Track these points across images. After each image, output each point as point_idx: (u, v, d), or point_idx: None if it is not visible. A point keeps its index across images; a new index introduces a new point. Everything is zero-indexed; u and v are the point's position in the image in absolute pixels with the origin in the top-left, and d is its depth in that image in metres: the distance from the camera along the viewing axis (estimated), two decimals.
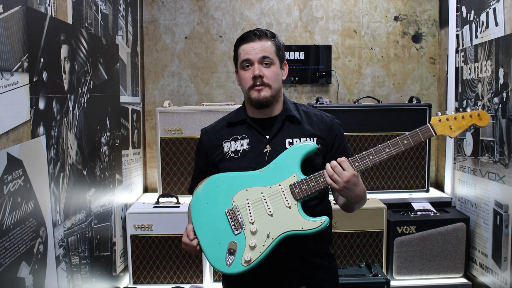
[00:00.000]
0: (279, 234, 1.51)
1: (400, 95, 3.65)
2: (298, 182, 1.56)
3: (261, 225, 1.53)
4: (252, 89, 1.63)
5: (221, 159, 1.71)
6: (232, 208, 1.58)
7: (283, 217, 1.53)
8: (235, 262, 1.51)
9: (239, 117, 1.73)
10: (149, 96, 3.59)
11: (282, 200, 1.55)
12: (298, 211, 1.53)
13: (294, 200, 1.54)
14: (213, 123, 1.81)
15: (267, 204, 1.56)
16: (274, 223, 1.53)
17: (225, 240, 1.55)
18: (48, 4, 1.89)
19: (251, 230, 1.53)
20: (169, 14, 3.55)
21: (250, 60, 1.63)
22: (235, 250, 1.53)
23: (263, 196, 1.57)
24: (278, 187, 1.56)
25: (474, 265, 2.94)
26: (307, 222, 1.52)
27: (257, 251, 1.51)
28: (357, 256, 2.93)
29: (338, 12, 3.59)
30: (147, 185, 3.63)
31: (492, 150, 2.69)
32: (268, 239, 1.51)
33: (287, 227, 1.52)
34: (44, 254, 1.81)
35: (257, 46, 1.63)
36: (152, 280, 2.89)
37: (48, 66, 1.86)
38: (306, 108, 1.77)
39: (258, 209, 1.55)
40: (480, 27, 2.82)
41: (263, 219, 1.54)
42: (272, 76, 1.63)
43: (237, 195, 1.59)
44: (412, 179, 3.25)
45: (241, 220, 1.56)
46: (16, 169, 1.60)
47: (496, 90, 2.63)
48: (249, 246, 1.51)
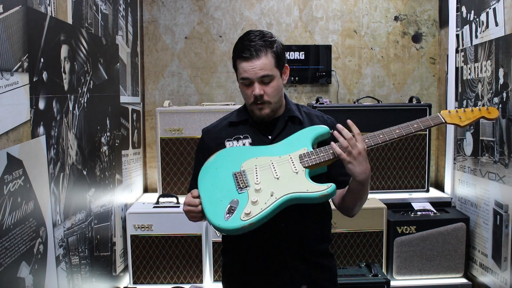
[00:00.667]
0: (284, 194, 1.48)
1: (400, 95, 3.65)
2: (308, 152, 1.57)
3: (266, 185, 1.52)
4: (254, 105, 1.63)
5: None
6: (239, 171, 1.58)
7: (289, 180, 1.52)
8: (234, 217, 1.46)
9: (241, 117, 1.73)
10: (149, 96, 3.59)
11: (290, 166, 1.55)
12: (304, 176, 1.53)
13: (302, 167, 1.54)
14: (215, 122, 1.80)
15: (274, 169, 1.56)
16: (279, 185, 1.51)
17: (227, 197, 1.52)
18: (48, 4, 1.89)
19: (256, 188, 1.51)
20: (169, 14, 3.55)
21: (249, 79, 1.60)
22: (236, 207, 1.49)
23: (272, 163, 1.57)
24: (288, 157, 1.58)
25: (474, 265, 2.94)
26: (312, 186, 1.50)
27: (258, 207, 1.47)
28: (357, 256, 2.93)
29: (338, 12, 3.59)
30: (147, 185, 3.63)
31: (492, 150, 2.69)
32: (272, 198, 1.48)
33: (292, 189, 1.49)
34: (44, 254, 1.81)
35: (255, 66, 1.58)
36: (152, 280, 2.89)
37: (48, 66, 1.86)
38: (308, 110, 1.77)
39: (265, 173, 1.55)
40: (480, 27, 2.82)
41: (269, 181, 1.53)
42: (272, 92, 1.61)
43: (247, 162, 1.60)
44: (412, 179, 3.25)
45: (247, 180, 1.55)
46: (16, 169, 1.60)
47: (496, 90, 2.63)
48: (251, 202, 1.48)
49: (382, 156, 3.21)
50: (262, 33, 1.62)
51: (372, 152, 3.19)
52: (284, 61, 1.67)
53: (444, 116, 1.60)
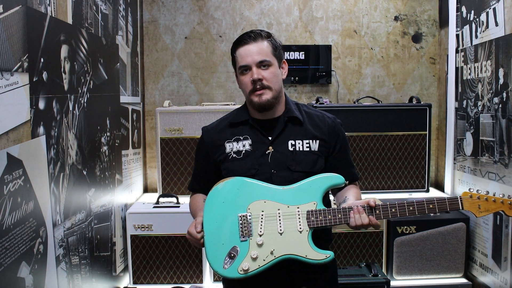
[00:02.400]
0: (283, 254, 1.52)
1: (400, 95, 3.65)
2: (316, 210, 1.56)
3: (268, 240, 1.54)
4: (253, 94, 1.63)
5: (223, 159, 1.70)
6: (245, 214, 1.58)
7: (291, 239, 1.54)
8: (232, 267, 1.52)
9: (241, 118, 1.72)
10: (149, 96, 3.59)
11: (295, 222, 1.55)
12: (307, 239, 1.53)
13: (307, 226, 1.54)
14: (215, 122, 1.81)
15: (280, 222, 1.56)
16: (281, 242, 1.53)
17: (229, 242, 1.55)
18: (48, 4, 1.89)
19: (257, 242, 1.53)
20: (169, 14, 3.55)
21: (247, 65, 1.62)
22: (236, 255, 1.53)
23: (279, 213, 1.57)
24: (296, 209, 1.56)
25: (474, 265, 2.94)
26: (312, 252, 1.52)
27: (256, 263, 1.52)
28: (357, 256, 2.93)
29: (338, 12, 3.58)
30: (147, 185, 3.63)
31: (492, 150, 2.69)
32: (270, 256, 1.52)
33: (292, 250, 1.52)
34: (44, 254, 1.81)
35: (253, 49, 1.61)
36: (152, 280, 2.89)
37: (48, 66, 1.86)
38: (308, 109, 1.76)
39: (270, 224, 1.55)
40: (480, 27, 2.82)
41: (271, 235, 1.54)
42: (271, 78, 1.62)
43: (254, 204, 1.58)
44: (412, 179, 3.25)
45: (251, 229, 1.55)
46: (16, 169, 1.60)
47: (496, 90, 2.63)
48: (251, 257, 1.52)
49: (382, 156, 3.21)
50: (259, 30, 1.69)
51: (372, 152, 3.19)
52: (282, 55, 1.69)
53: (464, 201, 1.54)
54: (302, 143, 1.67)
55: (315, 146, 1.67)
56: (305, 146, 1.67)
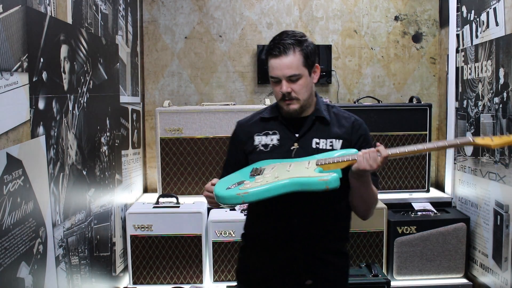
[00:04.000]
0: (287, 177, 1.51)
1: (401, 95, 3.64)
2: (325, 158, 1.59)
3: (275, 173, 1.57)
4: (282, 102, 1.69)
5: (251, 150, 1.76)
6: (260, 167, 1.65)
7: (297, 170, 1.56)
8: (234, 188, 1.55)
9: (273, 114, 1.78)
10: (149, 96, 3.58)
11: (304, 164, 1.59)
12: (313, 169, 1.54)
13: (315, 164, 1.56)
14: (248, 116, 1.87)
15: (290, 166, 1.60)
16: (287, 173, 1.55)
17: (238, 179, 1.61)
18: (48, 4, 1.88)
19: (265, 175, 1.57)
20: (169, 14, 3.55)
21: (277, 78, 1.65)
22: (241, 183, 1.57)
23: (291, 163, 1.62)
24: (307, 161, 1.61)
25: (474, 265, 2.94)
26: (315, 173, 1.51)
27: (258, 183, 1.53)
28: (357, 256, 2.93)
29: (338, 12, 3.58)
30: (147, 185, 3.63)
31: (492, 150, 2.68)
32: (273, 179, 1.52)
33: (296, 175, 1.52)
34: (43, 254, 1.80)
35: (283, 64, 1.63)
36: (152, 281, 2.89)
37: (48, 66, 1.86)
38: (337, 110, 1.81)
39: (280, 168, 1.60)
40: (480, 27, 2.81)
41: (279, 171, 1.57)
42: (299, 90, 1.65)
43: (271, 164, 1.65)
44: (412, 179, 3.25)
45: (261, 171, 1.61)
46: (15, 169, 1.60)
47: (496, 90, 2.63)
48: (255, 180, 1.55)
49: None
50: (293, 33, 1.69)
51: None
52: (315, 60, 1.71)
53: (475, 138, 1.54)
54: (326, 142, 1.71)
55: (338, 145, 1.71)
56: (328, 145, 1.71)
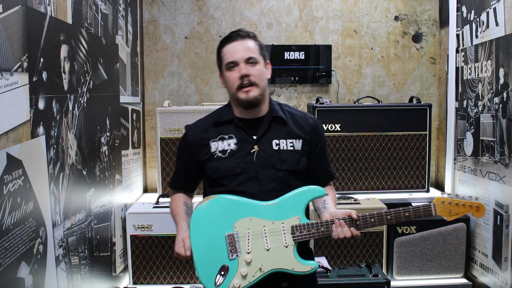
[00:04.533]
0: (270, 269, 1.60)
1: (400, 95, 3.64)
2: (300, 225, 1.62)
3: (256, 257, 1.60)
4: (240, 90, 1.64)
5: (208, 158, 1.71)
6: (232, 233, 1.62)
7: (278, 254, 1.61)
8: (223, 284, 1.59)
9: (226, 117, 1.74)
10: (149, 96, 3.58)
11: (281, 238, 1.61)
12: (293, 253, 1.61)
13: (292, 241, 1.61)
14: (199, 121, 1.82)
15: (266, 238, 1.62)
16: (268, 258, 1.61)
17: (218, 261, 1.61)
18: (48, 4, 1.88)
19: (246, 259, 1.60)
20: (169, 14, 3.55)
21: (235, 62, 1.64)
22: (226, 273, 1.60)
23: (264, 230, 1.62)
24: (281, 225, 1.62)
25: (474, 265, 2.94)
26: (299, 265, 1.60)
27: (246, 280, 1.59)
28: (357, 256, 2.93)
29: (338, 12, 3.58)
30: (147, 185, 3.63)
31: (492, 150, 2.69)
32: (259, 272, 1.59)
33: (279, 264, 1.60)
34: (43, 254, 1.80)
35: (241, 46, 1.65)
36: (152, 280, 2.89)
37: (48, 66, 1.86)
38: (290, 109, 1.79)
39: (257, 241, 1.62)
40: (480, 27, 2.81)
41: (259, 252, 1.61)
42: (258, 75, 1.65)
43: (240, 222, 1.63)
44: (412, 179, 3.25)
45: (238, 247, 1.61)
46: (15, 169, 1.60)
47: (496, 90, 2.63)
48: (240, 274, 1.59)
49: (382, 156, 3.21)
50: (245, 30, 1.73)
51: (373, 152, 3.19)
52: (266, 56, 1.73)
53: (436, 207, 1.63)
54: (286, 142, 1.70)
55: (298, 145, 1.71)
56: (289, 146, 1.70)
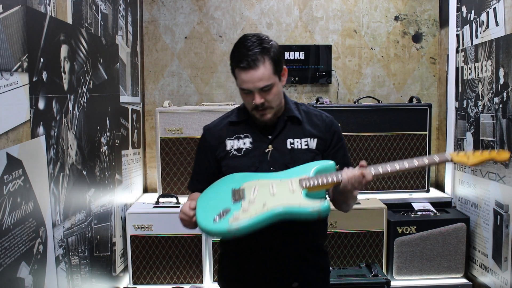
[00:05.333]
0: (275, 205, 1.48)
1: (400, 95, 3.64)
2: (308, 177, 1.56)
3: (260, 199, 1.52)
4: (254, 111, 1.64)
5: (224, 156, 1.71)
6: (239, 188, 1.58)
7: (284, 196, 1.52)
8: (222, 220, 1.48)
9: (241, 117, 1.74)
10: (149, 96, 3.58)
11: (288, 186, 1.55)
12: (300, 194, 1.51)
13: (300, 187, 1.53)
14: (216, 121, 1.82)
15: (272, 187, 1.56)
16: (273, 199, 1.51)
17: (220, 206, 1.54)
18: (48, 4, 1.88)
19: (249, 200, 1.52)
20: (169, 14, 3.55)
21: (249, 90, 1.61)
22: (227, 213, 1.50)
23: (272, 183, 1.57)
24: (288, 180, 1.57)
25: (474, 265, 2.94)
26: (305, 201, 1.49)
27: (247, 214, 1.48)
28: (357, 256, 2.93)
29: (338, 12, 3.58)
30: (147, 185, 3.63)
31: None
32: (263, 208, 1.48)
33: (284, 202, 1.49)
34: (43, 254, 1.80)
35: (254, 77, 1.57)
36: (152, 280, 2.89)
37: (48, 66, 1.86)
38: (306, 108, 1.78)
39: (263, 190, 1.55)
40: (480, 27, 2.81)
41: (264, 196, 1.53)
42: (273, 98, 1.62)
43: (248, 182, 1.60)
44: (412, 179, 3.25)
45: (243, 195, 1.55)
46: (15, 169, 1.60)
47: (496, 90, 2.63)
48: (242, 210, 1.49)
49: (382, 156, 3.21)
50: (259, 39, 1.60)
51: (373, 152, 3.19)
52: (282, 65, 1.65)
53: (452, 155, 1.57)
54: (301, 141, 1.68)
55: (313, 144, 1.69)
56: (303, 144, 1.68)
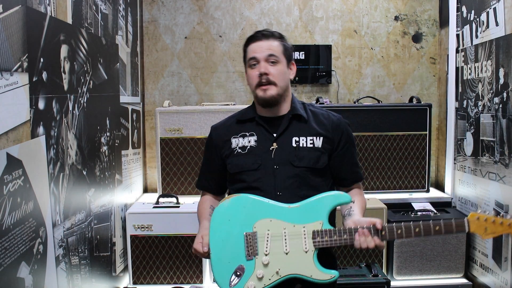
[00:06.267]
0: (288, 273, 1.55)
1: (400, 95, 3.64)
2: (322, 231, 1.57)
3: (274, 260, 1.56)
4: (258, 88, 1.66)
5: (228, 154, 1.74)
6: (251, 233, 1.59)
7: (297, 259, 1.55)
8: (238, 285, 1.55)
9: (248, 115, 1.77)
10: (149, 96, 3.58)
11: (301, 242, 1.56)
12: (312, 259, 1.55)
13: (313, 247, 1.56)
14: (223, 120, 1.86)
15: (286, 241, 1.57)
16: (286, 262, 1.55)
17: (235, 261, 1.58)
18: (48, 4, 1.88)
19: (263, 261, 1.55)
20: (169, 14, 3.55)
21: (256, 58, 1.66)
22: (242, 274, 1.56)
23: (285, 233, 1.58)
24: (302, 229, 1.57)
25: (474, 265, 2.94)
26: (318, 272, 1.54)
27: (262, 282, 1.55)
28: (357, 256, 2.93)
29: (338, 12, 3.58)
30: (147, 185, 3.63)
31: (492, 150, 2.69)
32: (276, 275, 1.55)
33: (297, 270, 1.55)
34: (43, 254, 1.80)
35: (263, 45, 1.67)
36: (152, 280, 2.89)
37: (48, 66, 1.86)
38: (314, 108, 1.80)
39: (276, 244, 1.57)
40: (480, 27, 2.81)
41: (277, 255, 1.56)
42: (277, 74, 1.65)
43: (260, 222, 1.60)
44: (412, 179, 3.25)
45: (257, 248, 1.57)
46: (15, 169, 1.60)
47: (496, 90, 2.63)
48: (256, 276, 1.55)
49: (382, 156, 3.21)
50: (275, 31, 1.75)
51: (373, 152, 3.19)
52: (292, 56, 1.74)
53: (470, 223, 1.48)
54: (306, 139, 1.70)
55: (318, 142, 1.70)
56: (308, 142, 1.69)
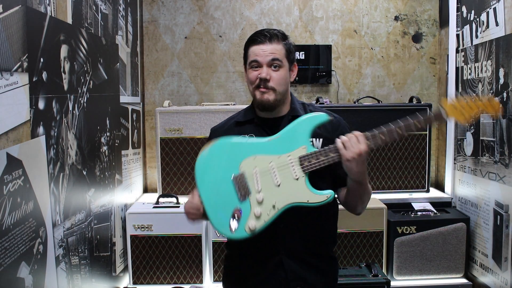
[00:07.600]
0: (285, 204, 1.54)
1: (400, 95, 3.64)
2: (308, 154, 1.55)
3: (268, 195, 1.54)
4: (256, 89, 1.64)
5: None
6: (239, 174, 1.57)
7: (290, 188, 1.54)
8: (239, 228, 1.54)
9: (247, 117, 1.75)
10: (149, 96, 3.58)
11: (290, 171, 1.55)
12: (305, 184, 1.54)
13: (302, 172, 1.54)
14: (222, 122, 1.83)
15: (275, 174, 1.56)
16: (280, 194, 1.54)
17: (230, 205, 1.56)
18: (48, 4, 1.88)
19: (257, 199, 1.54)
20: (169, 14, 3.55)
21: (259, 62, 1.63)
22: (240, 216, 1.54)
23: (272, 166, 1.57)
24: (287, 158, 1.56)
25: (474, 265, 2.94)
26: (313, 195, 1.53)
27: (261, 219, 1.53)
28: (357, 256, 2.93)
29: (338, 12, 3.58)
30: (147, 185, 3.63)
31: (492, 150, 2.69)
32: (273, 210, 1.53)
33: (293, 199, 1.54)
34: (43, 254, 1.80)
35: (267, 49, 1.62)
36: (152, 280, 2.89)
37: (48, 66, 1.86)
38: (314, 108, 1.78)
39: (266, 179, 1.56)
40: (480, 27, 2.81)
41: (270, 189, 1.55)
42: (278, 80, 1.63)
43: (245, 162, 1.58)
44: (412, 179, 3.25)
45: (248, 187, 1.56)
46: (15, 169, 1.60)
47: (496, 90, 2.63)
48: (254, 215, 1.53)
49: (382, 156, 3.21)
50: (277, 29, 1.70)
51: (372, 152, 3.19)
52: (294, 59, 1.71)
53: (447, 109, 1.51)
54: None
55: (318, 144, 1.69)
56: None
